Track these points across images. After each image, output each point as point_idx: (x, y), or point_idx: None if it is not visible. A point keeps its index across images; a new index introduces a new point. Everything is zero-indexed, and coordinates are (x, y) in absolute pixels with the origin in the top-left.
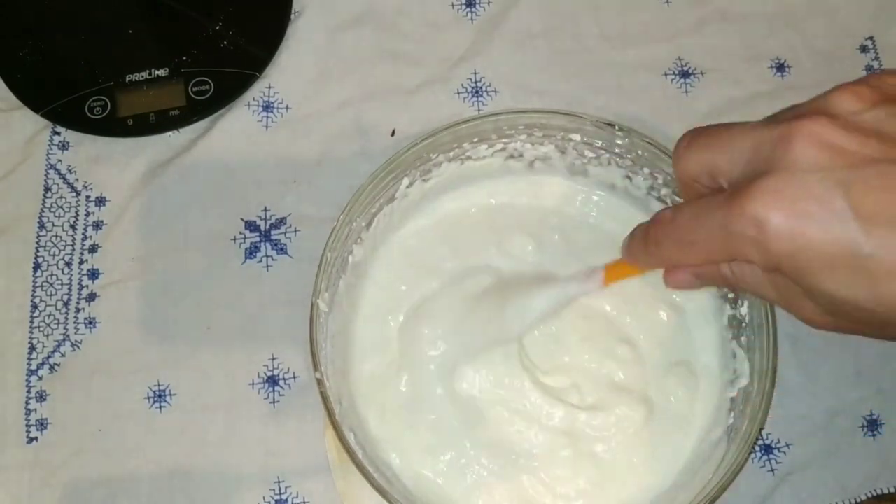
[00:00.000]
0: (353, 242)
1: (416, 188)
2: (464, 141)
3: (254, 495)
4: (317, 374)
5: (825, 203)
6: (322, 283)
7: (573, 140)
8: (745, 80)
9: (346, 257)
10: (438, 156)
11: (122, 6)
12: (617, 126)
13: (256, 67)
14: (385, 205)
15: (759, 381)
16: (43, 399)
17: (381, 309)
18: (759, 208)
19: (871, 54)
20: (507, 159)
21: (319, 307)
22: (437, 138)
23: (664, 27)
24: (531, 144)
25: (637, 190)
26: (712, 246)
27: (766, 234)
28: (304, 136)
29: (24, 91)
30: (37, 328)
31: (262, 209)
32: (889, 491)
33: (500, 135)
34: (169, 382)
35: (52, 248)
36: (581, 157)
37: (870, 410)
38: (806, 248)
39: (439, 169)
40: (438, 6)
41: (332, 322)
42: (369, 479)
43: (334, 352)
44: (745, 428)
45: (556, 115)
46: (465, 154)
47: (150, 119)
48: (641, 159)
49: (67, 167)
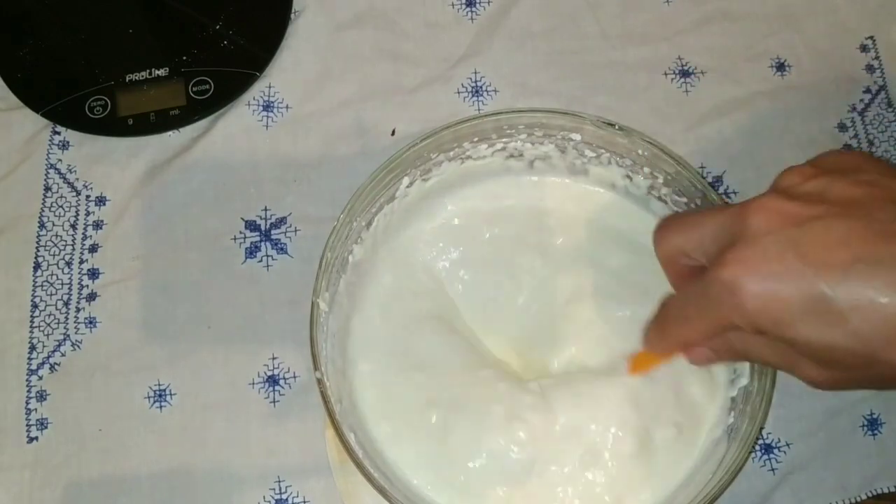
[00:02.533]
0: (354, 242)
1: (416, 188)
2: (464, 140)
3: (254, 495)
4: (317, 374)
5: (781, 260)
6: (322, 282)
7: (573, 140)
8: (745, 80)
9: (347, 257)
10: (439, 155)
11: (122, 6)
12: (617, 126)
13: (257, 67)
14: (385, 204)
15: (760, 380)
16: (43, 399)
17: (381, 309)
18: (728, 275)
19: (871, 53)
20: (508, 159)
21: (320, 307)
22: (438, 137)
23: (664, 26)
24: (531, 144)
25: (637, 189)
26: (703, 317)
27: (740, 296)
28: (304, 136)
29: (24, 91)
30: (37, 328)
31: (262, 209)
32: (889, 490)
33: (500, 134)
34: (169, 382)
35: (52, 247)
36: (581, 157)
37: (870, 410)
38: (775, 301)
39: (439, 168)
40: (438, 6)
41: (332, 321)
42: (369, 478)
43: (334, 351)
44: (746, 427)
45: (556, 114)
46: (466, 153)
47: (150, 119)
48: (641, 159)
49: (67, 167)
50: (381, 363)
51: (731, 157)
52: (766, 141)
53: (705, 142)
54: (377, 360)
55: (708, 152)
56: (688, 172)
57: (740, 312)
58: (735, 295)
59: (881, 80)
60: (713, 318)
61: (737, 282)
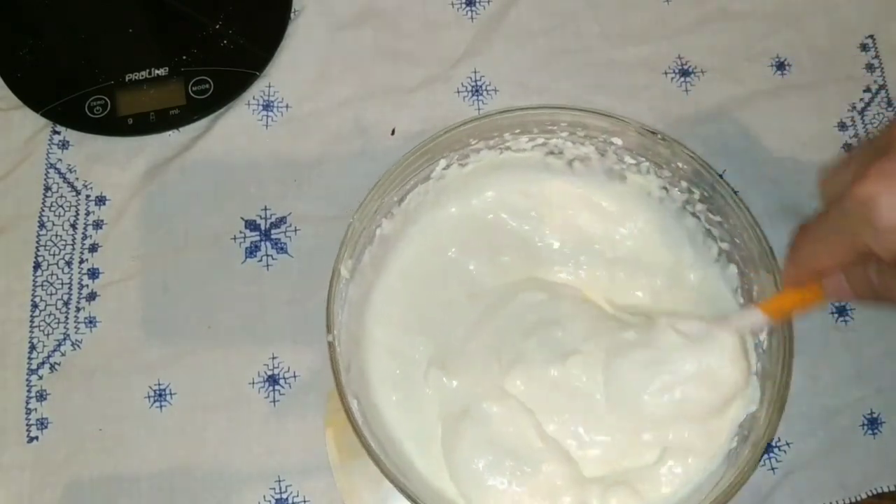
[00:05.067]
0: (384, 216)
1: (453, 171)
2: (505, 131)
3: (254, 494)
4: (329, 337)
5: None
6: (346, 250)
7: (614, 144)
8: (745, 79)
9: (375, 229)
10: (478, 142)
11: (122, 6)
12: (660, 135)
13: (256, 66)
14: (420, 183)
15: (768, 409)
16: (43, 398)
17: (405, 282)
18: (864, 189)
19: (871, 52)
20: (547, 155)
21: (341, 273)
22: (479, 125)
23: (664, 25)
24: (572, 143)
25: (672, 203)
26: (835, 237)
27: (875, 212)
28: (304, 136)
29: (24, 90)
30: (37, 327)
31: (262, 208)
32: (889, 489)
33: (541, 129)
34: (169, 381)
35: (52, 247)
36: (620, 163)
37: (870, 409)
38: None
39: (478, 155)
40: (438, 5)
41: (352, 290)
42: (366, 447)
43: (351, 319)
44: (747, 454)
45: (599, 116)
46: (506, 144)
47: (150, 118)
48: (681, 172)
49: (67, 166)
50: (398, 333)
51: (731, 156)
52: (766, 140)
53: (705, 141)
54: (393, 330)
55: (708, 151)
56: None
57: (873, 231)
58: (870, 210)
59: (881, 80)
60: (846, 239)
61: (873, 196)
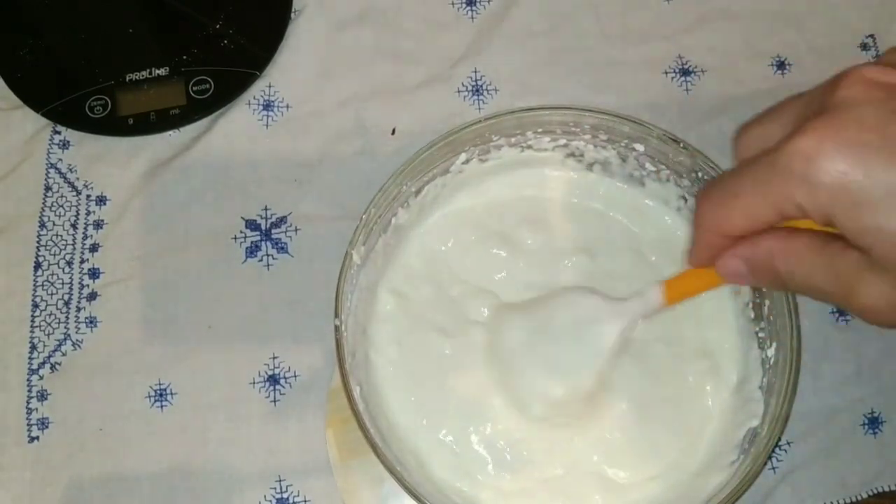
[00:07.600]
0: (400, 205)
1: (473, 166)
2: (527, 129)
3: (255, 494)
4: (336, 321)
5: (882, 130)
6: (360, 236)
7: (636, 150)
8: (745, 79)
9: (390, 218)
10: (500, 139)
11: (122, 6)
12: (682, 143)
13: (257, 66)
14: (438, 176)
15: (770, 425)
16: (44, 398)
17: (418, 271)
18: (808, 142)
19: (871, 52)
20: (568, 157)
21: (353, 258)
22: (500, 121)
23: (665, 25)
24: (594, 147)
25: (690, 213)
26: (758, 190)
27: (816, 167)
28: (304, 135)
29: (24, 90)
30: (38, 327)
31: (262, 208)
32: (890, 489)
33: (564, 130)
34: (170, 381)
35: (52, 247)
36: (640, 169)
37: (871, 408)
38: (865, 178)
39: (499, 152)
40: (439, 5)
41: (363, 276)
42: (366, 433)
43: (359, 306)
44: (746, 466)
45: (623, 120)
46: (527, 142)
47: (150, 118)
48: (702, 182)
49: (68, 166)
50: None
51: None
52: None
53: (706, 140)
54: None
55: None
56: None
57: (810, 187)
58: (811, 163)
59: None
60: (771, 194)
61: (817, 149)
